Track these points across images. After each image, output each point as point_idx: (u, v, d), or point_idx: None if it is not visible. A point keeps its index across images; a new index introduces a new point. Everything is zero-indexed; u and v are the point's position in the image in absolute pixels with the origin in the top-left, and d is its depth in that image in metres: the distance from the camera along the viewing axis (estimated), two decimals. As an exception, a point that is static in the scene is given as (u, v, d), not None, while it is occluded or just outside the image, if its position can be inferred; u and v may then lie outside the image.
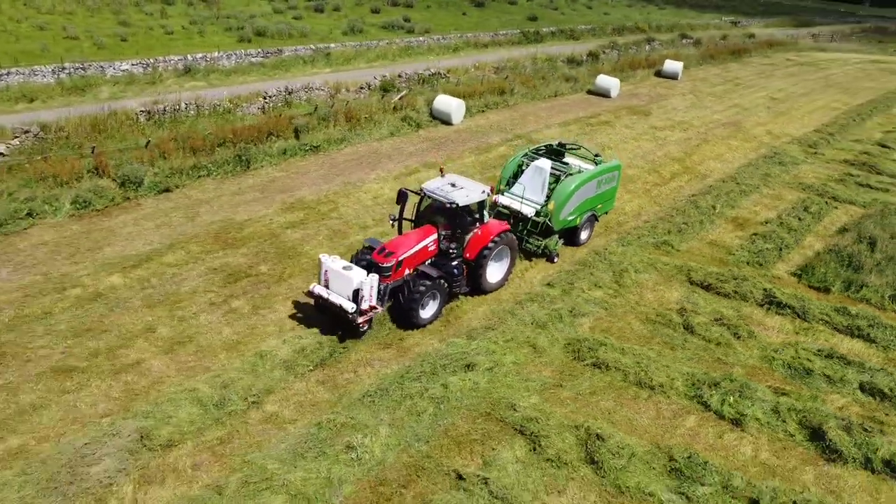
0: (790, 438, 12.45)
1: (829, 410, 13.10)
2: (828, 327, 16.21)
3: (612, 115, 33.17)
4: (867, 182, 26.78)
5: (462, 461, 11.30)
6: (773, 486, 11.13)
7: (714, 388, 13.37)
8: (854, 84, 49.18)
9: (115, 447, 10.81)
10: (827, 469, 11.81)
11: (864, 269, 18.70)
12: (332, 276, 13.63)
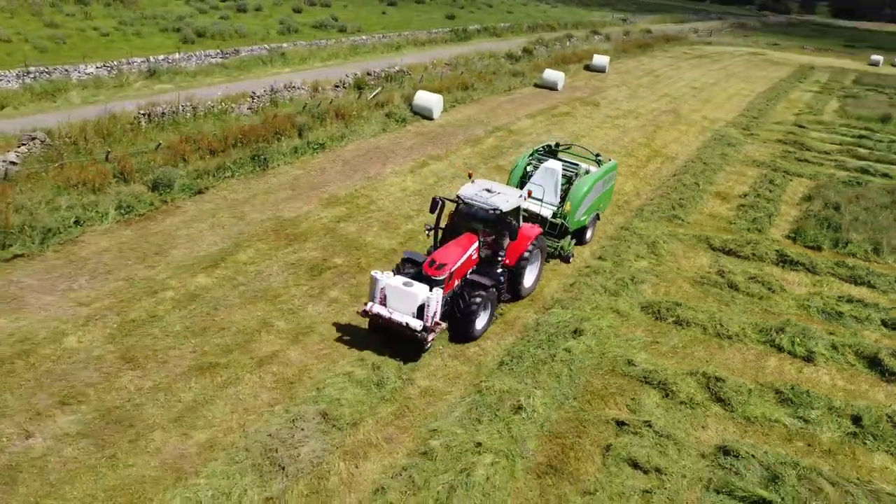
0: (853, 368, 14.69)
1: (870, 342, 15.52)
2: (836, 278, 18.84)
3: (569, 106, 35.37)
4: (803, 158, 30.43)
5: (613, 411, 12.59)
6: (864, 405, 13.24)
7: (781, 333, 15.42)
8: (749, 73, 54.62)
9: (307, 430, 11.19)
10: (891, 388, 14.12)
11: (843, 229, 21.67)
12: (392, 294, 13.00)
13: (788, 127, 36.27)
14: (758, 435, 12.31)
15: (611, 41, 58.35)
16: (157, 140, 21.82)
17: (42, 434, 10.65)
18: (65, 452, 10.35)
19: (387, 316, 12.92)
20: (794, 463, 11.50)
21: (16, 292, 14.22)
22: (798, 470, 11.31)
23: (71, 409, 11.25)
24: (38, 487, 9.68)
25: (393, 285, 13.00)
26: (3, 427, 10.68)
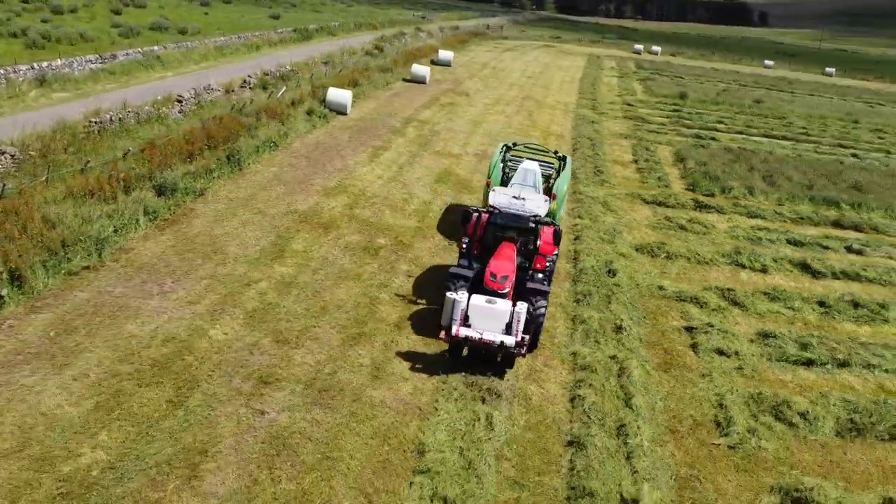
0: (793, 272, 19.81)
1: (791, 254, 20.88)
2: (738, 215, 24.32)
3: (447, 97, 38.59)
4: (650, 129, 36.79)
5: (676, 321, 16.18)
6: (820, 293, 18.26)
7: (739, 255, 20.17)
8: (558, 62, 62.10)
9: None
10: (825, 282, 19.39)
11: (721, 179, 27.52)
12: (476, 313, 12.65)
13: (621, 106, 42.99)
14: (773, 322, 16.65)
15: (434, 37, 62.52)
16: (124, 147, 21.14)
17: (272, 409, 11.53)
18: (308, 418, 11.41)
19: (477, 337, 12.34)
20: (808, 335, 15.98)
21: (118, 301, 14.11)
22: (816, 338, 15.79)
23: (276, 386, 12.13)
24: (312, 448, 10.76)
25: (478, 305, 12.69)
26: (232, 410, 11.38)
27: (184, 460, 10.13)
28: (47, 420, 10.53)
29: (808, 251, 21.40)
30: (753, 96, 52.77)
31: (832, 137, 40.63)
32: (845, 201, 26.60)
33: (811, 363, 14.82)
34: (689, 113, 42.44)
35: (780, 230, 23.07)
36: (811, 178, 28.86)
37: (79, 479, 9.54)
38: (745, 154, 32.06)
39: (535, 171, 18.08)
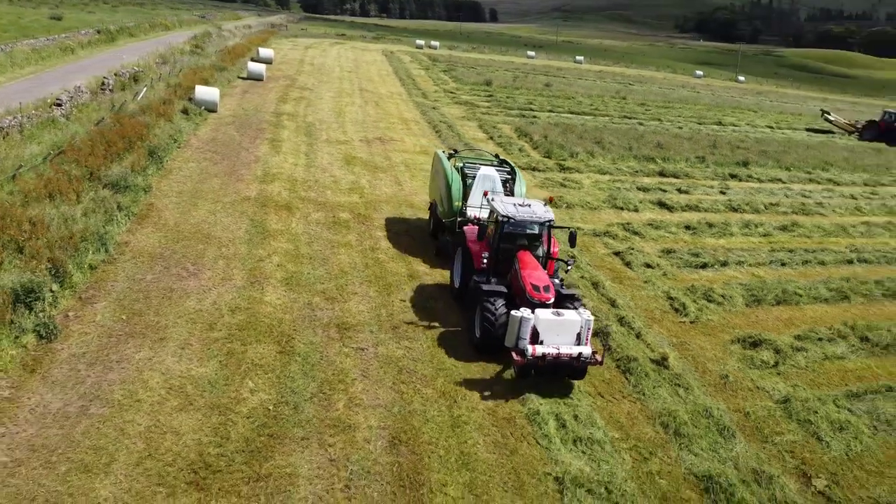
0: (655, 208, 25.30)
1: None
2: (592, 172, 29.62)
3: (296, 93, 39.88)
4: (482, 111, 41.51)
5: (604, 250, 20.51)
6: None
7: (614, 199, 25.19)
8: (362, 57, 65.02)
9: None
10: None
11: (565, 147, 32.84)
12: (547, 328, 12.20)
13: (444, 93, 47.38)
14: (665, 243, 21.65)
15: (236, 37, 61.89)
16: (40, 152, 20.42)
17: (368, 345, 13.56)
18: (402, 346, 13.66)
19: (555, 353, 12.03)
20: (692, 248, 21.21)
21: (157, 285, 14.78)
22: (698, 250, 21.06)
23: (355, 330, 14.07)
24: (422, 366, 13.11)
25: (547, 319, 12.27)
26: (337, 350, 13.24)
27: (331, 389, 11.95)
28: (189, 380, 11.63)
29: (655, 194, 27.14)
30: (542, 81, 60.48)
31: (615, 111, 48.77)
32: (658, 157, 33.30)
33: (705, 265, 19.95)
34: (501, 97, 48.04)
35: (628, 181, 28.71)
36: (627, 142, 35.39)
37: (261, 413, 11.02)
38: (568, 127, 37.97)
39: (495, 178, 18.01)
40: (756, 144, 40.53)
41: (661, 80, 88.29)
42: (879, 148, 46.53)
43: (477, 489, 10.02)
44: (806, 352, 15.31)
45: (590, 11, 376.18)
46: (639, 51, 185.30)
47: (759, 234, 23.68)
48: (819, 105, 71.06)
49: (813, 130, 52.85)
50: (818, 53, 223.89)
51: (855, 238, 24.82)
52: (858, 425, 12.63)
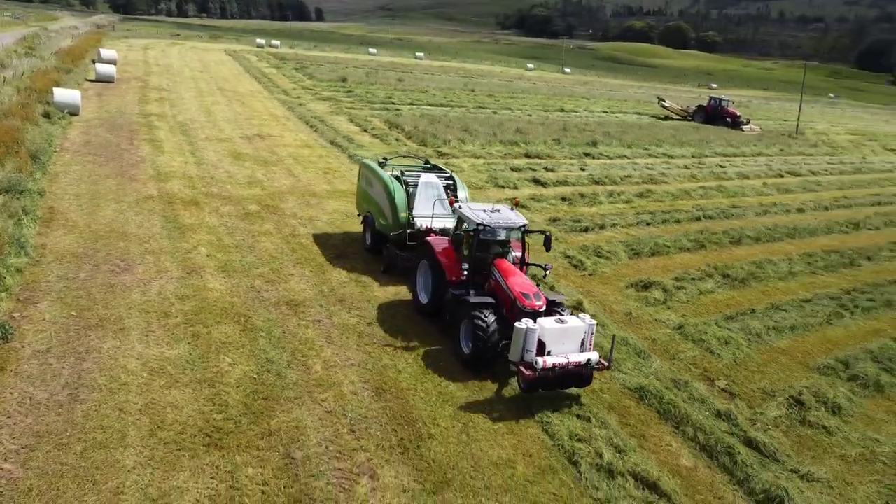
0: (531, 185, 27.88)
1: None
2: (467, 157, 31.77)
3: (155, 94, 38.52)
4: (347, 106, 42.46)
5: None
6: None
7: (496, 179, 27.44)
8: (207, 57, 63.13)
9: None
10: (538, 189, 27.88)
11: (437, 136, 34.74)
12: (552, 337, 11.76)
13: (303, 90, 47.68)
14: (547, 213, 24.18)
15: (67, 38, 57.60)
16: None
17: (322, 317, 14.53)
18: (354, 315, 14.77)
19: (564, 363, 11.65)
20: (571, 216, 23.90)
21: (93, 282, 14.70)
22: (577, 216, 23.77)
23: (305, 305, 14.95)
24: (377, 329, 14.35)
25: (552, 328, 11.82)
26: (296, 323, 14.10)
27: (304, 356, 12.86)
28: (166, 361, 12.08)
29: (527, 173, 29.78)
30: (393, 77, 62.20)
31: (470, 102, 51.62)
32: (520, 140, 36.20)
33: (587, 229, 22.65)
34: (361, 93, 49.15)
35: (500, 163, 31.16)
36: (490, 129, 38.02)
37: (248, 382, 11.76)
38: (434, 118, 39.98)
39: (438, 185, 17.48)
40: (598, 127, 44.93)
41: (499, 73, 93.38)
42: (697, 127, 53.17)
43: (462, 417, 11.48)
44: (685, 289, 18.23)
45: (414, 10, 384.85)
46: (469, 47, 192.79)
47: (622, 201, 26.95)
48: (635, 92, 79.00)
49: (639, 114, 59.03)
50: (625, 46, 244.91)
51: (697, 200, 28.94)
52: (738, 339, 15.53)
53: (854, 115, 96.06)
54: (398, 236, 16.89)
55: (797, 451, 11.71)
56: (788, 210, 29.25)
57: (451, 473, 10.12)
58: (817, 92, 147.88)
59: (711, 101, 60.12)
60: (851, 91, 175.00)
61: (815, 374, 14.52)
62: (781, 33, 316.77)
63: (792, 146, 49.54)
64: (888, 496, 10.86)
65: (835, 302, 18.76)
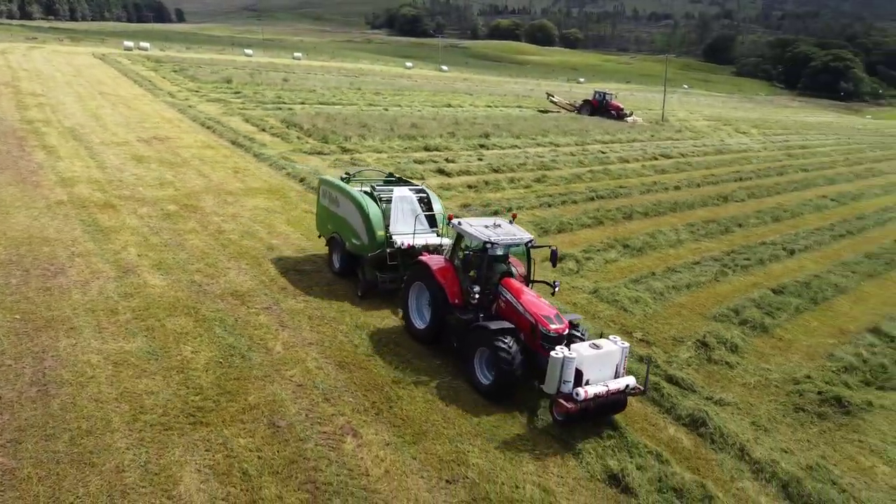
0: (437, 175, 29.18)
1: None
2: (371, 152, 32.62)
3: (32, 100, 36.62)
4: (239, 107, 42.04)
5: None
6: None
7: (403, 171, 28.51)
8: (76, 61, 59.81)
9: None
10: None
11: (337, 133, 35.33)
12: (590, 364, 11.09)
13: (189, 92, 46.54)
14: (469, 199, 25.57)
15: None
16: None
17: (271, 304, 15.11)
18: (300, 300, 15.44)
19: (605, 391, 10.99)
20: (493, 198, 25.43)
21: (28, 286, 14.54)
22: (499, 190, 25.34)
23: (250, 295, 15.46)
24: (322, 312, 15.12)
25: (589, 355, 11.13)
26: (246, 311, 14.63)
27: (262, 339, 13.44)
28: (128, 354, 12.31)
29: (431, 165, 31.02)
30: (278, 77, 61.60)
31: (360, 100, 52.27)
32: (417, 135, 37.43)
33: (496, 213, 24.17)
34: (249, 93, 48.58)
35: (403, 156, 32.25)
36: (387, 125, 38.99)
37: (215, 366, 12.25)
38: (329, 116, 40.43)
39: (413, 198, 16.26)
40: (487, 120, 47.00)
41: (380, 72, 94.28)
42: (576, 117, 56.60)
43: (424, 380, 12.53)
44: (593, 259, 20.14)
45: (280, 10, 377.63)
46: (342, 46, 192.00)
47: (522, 187, 28.82)
48: (512, 87, 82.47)
49: (520, 107, 61.94)
50: (495, 45, 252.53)
51: (588, 182, 31.34)
52: (645, 298, 17.51)
53: (707, 104, 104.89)
54: (377, 257, 15.63)
55: (708, 383, 13.66)
56: (667, 188, 32.28)
57: (426, 426, 11.16)
58: (673, 83, 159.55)
59: (596, 94, 64.03)
60: (702, 82, 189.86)
61: (713, 321, 16.71)
62: (636, 29, 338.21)
63: (660, 132, 53.94)
64: (783, 410, 12.99)
65: (718, 263, 21.33)
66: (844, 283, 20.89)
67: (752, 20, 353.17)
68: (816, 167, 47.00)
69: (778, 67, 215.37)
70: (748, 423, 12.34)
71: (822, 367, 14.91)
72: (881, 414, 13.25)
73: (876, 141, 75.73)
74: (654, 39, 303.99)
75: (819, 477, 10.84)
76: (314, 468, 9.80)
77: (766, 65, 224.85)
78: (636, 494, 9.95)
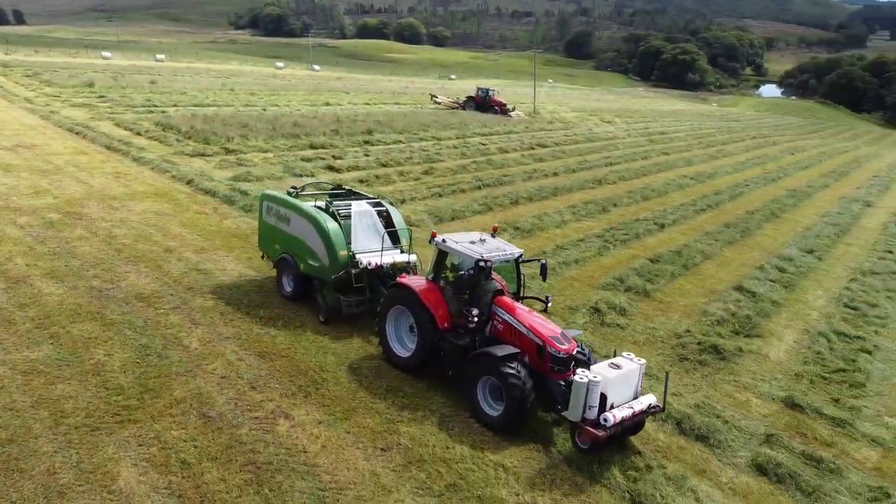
0: (327, 172, 29.38)
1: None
2: (255, 151, 32.25)
3: None
4: (105, 110, 40.03)
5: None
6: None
7: (294, 171, 28.50)
8: None
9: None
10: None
11: (218, 134, 34.55)
12: (613, 386, 10.50)
13: (48, 98, 43.71)
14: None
15: None
16: None
17: (177, 304, 15.01)
18: (208, 297, 15.41)
19: (631, 414, 10.50)
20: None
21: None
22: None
23: (155, 297, 15.25)
24: (241, 304, 15.21)
25: (613, 377, 10.52)
26: (153, 312, 14.48)
27: (176, 338, 13.40)
28: (36, 362, 11.93)
29: (319, 162, 31.14)
30: (144, 80, 58.82)
31: (236, 101, 51.06)
32: (301, 133, 37.27)
33: (392, 204, 24.84)
34: (115, 97, 46.18)
35: (289, 155, 32.10)
36: (268, 125, 38.48)
37: (133, 366, 12.15)
38: (206, 117, 39.32)
39: (373, 213, 15.14)
40: (368, 117, 47.30)
41: (250, 73, 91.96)
42: (455, 112, 58.11)
43: (345, 363, 12.98)
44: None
45: (133, 10, 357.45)
46: (206, 48, 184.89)
47: (412, 179, 29.59)
48: (387, 85, 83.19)
49: (398, 104, 62.73)
50: (364, 43, 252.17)
51: (473, 172, 32.59)
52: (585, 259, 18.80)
53: (573, 97, 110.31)
54: (341, 279, 14.30)
55: (604, 343, 15.01)
56: (546, 174, 34.17)
57: (354, 403, 11.65)
58: (539, 78, 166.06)
59: (479, 91, 65.76)
60: (565, 76, 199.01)
61: (601, 290, 18.23)
62: (501, 27, 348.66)
63: (534, 124, 56.52)
64: (670, 361, 14.54)
65: (600, 239, 23.08)
66: (709, 249, 23.26)
67: (607, 17, 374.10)
68: (675, 151, 51.05)
69: (633, 61, 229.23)
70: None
71: (699, 322, 16.74)
72: (750, 357, 15.15)
73: (723, 126, 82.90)
74: (517, 37, 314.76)
75: (705, 412, 12.36)
76: (252, 451, 10.06)
77: (622, 59, 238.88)
78: (555, 443, 10.97)
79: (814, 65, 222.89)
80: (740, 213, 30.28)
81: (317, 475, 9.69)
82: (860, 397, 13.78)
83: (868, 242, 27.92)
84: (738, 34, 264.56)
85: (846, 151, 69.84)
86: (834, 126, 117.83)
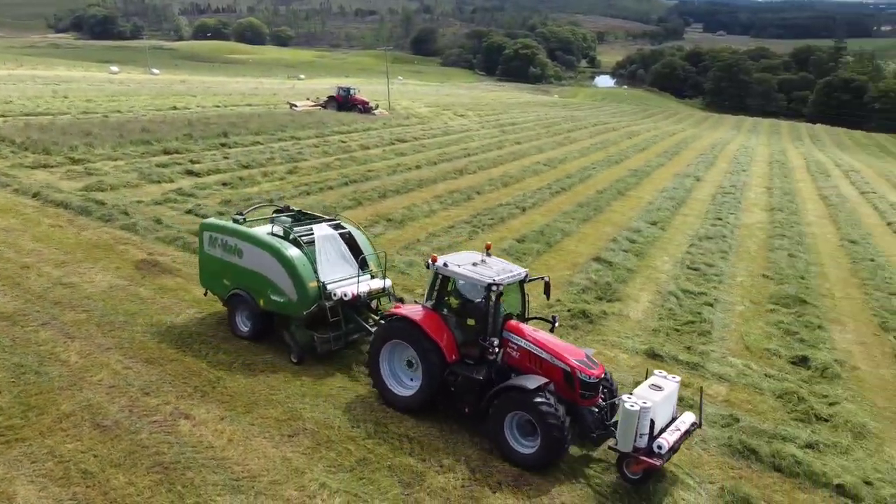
0: (185, 179, 28.44)
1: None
2: (105, 160, 30.54)
3: None
4: None
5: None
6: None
7: (150, 174, 27.35)
8: None
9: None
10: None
11: (59, 142, 32.30)
12: (659, 410, 10.01)
13: None
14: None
15: None
16: None
17: (67, 317, 14.32)
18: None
19: (679, 436, 10.15)
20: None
21: None
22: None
23: (28, 312, 14.46)
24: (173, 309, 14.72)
25: (659, 400, 10.04)
26: (41, 326, 13.76)
27: (52, 353, 12.83)
28: None
29: (176, 167, 29.96)
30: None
31: (71, 109, 47.54)
32: (152, 139, 35.51)
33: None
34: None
35: (143, 161, 30.51)
36: (114, 131, 36.27)
37: (9, 385, 11.59)
38: (41, 126, 36.43)
39: (336, 237, 13.90)
40: (220, 119, 45.87)
41: (82, 78, 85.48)
42: (311, 112, 57.51)
43: (239, 359, 13.00)
44: (377, 232, 21.78)
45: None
46: (22, 52, 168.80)
47: (277, 179, 29.36)
48: (235, 86, 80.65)
49: (250, 105, 61.15)
50: (205, 45, 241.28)
51: (338, 170, 32.78)
52: (417, 261, 19.47)
53: (424, 93, 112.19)
54: (313, 315, 13.00)
55: (485, 318, 15.96)
56: (410, 168, 34.99)
57: (254, 397, 11.79)
58: (388, 75, 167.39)
59: (340, 90, 65.04)
60: (414, 73, 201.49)
61: (476, 271, 19.21)
62: (346, 26, 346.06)
63: (391, 120, 57.23)
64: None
65: (469, 225, 24.22)
66: (568, 227, 25.11)
67: (449, 14, 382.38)
68: (526, 140, 53.72)
69: (477, 56, 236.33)
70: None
71: (566, 291, 18.19)
72: (613, 318, 16.76)
73: (567, 115, 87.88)
74: (363, 35, 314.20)
75: (582, 369, 13.58)
76: (157, 452, 10.00)
77: (468, 54, 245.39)
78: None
79: (640, 56, 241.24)
80: (591, 194, 32.71)
81: (228, 467, 9.80)
82: (707, 343, 15.71)
83: (701, 212, 31.20)
84: (573, 29, 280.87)
85: (674, 134, 76.50)
86: (662, 112, 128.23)
